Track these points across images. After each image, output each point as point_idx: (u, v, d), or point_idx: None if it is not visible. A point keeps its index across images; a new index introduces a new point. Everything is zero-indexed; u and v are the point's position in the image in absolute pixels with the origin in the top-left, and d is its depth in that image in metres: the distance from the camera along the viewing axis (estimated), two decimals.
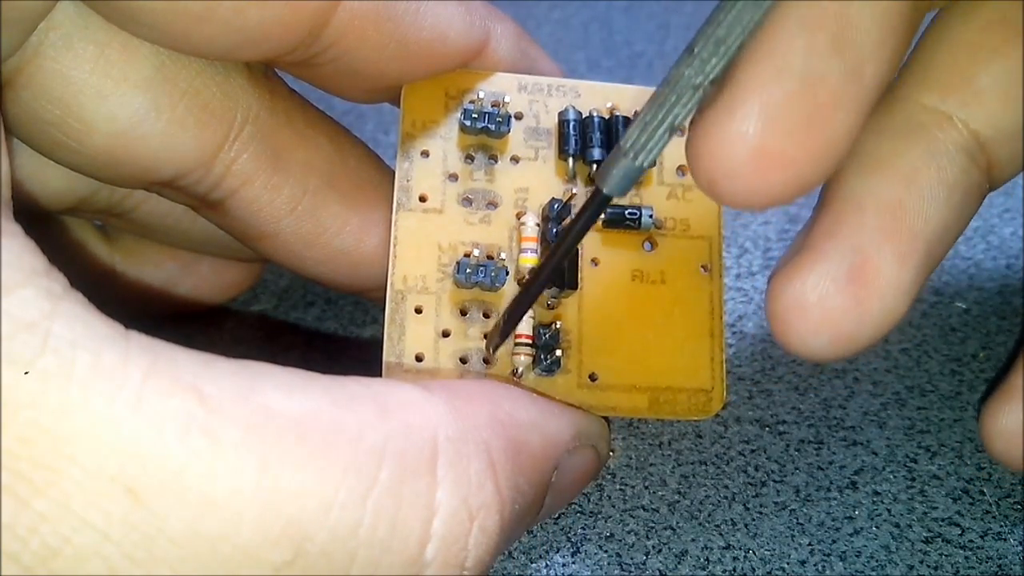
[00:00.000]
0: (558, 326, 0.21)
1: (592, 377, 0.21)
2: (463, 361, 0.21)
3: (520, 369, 0.21)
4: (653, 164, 0.17)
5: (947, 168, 0.20)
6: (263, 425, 0.15)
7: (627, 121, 0.22)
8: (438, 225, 0.21)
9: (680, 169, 0.22)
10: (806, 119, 0.16)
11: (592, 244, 0.22)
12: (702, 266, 0.22)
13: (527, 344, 0.21)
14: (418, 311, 0.21)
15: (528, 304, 0.20)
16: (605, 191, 0.18)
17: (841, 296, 0.19)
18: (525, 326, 0.21)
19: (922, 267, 0.20)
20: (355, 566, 0.15)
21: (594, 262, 0.22)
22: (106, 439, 0.14)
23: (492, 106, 0.21)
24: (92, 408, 0.14)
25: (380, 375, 0.21)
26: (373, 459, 0.15)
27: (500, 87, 0.22)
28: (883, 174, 0.20)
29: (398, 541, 0.15)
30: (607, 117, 0.22)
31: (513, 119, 0.22)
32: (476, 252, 0.21)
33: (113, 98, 0.19)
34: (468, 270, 0.21)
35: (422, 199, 0.21)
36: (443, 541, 0.16)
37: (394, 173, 0.23)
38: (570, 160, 0.22)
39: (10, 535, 0.13)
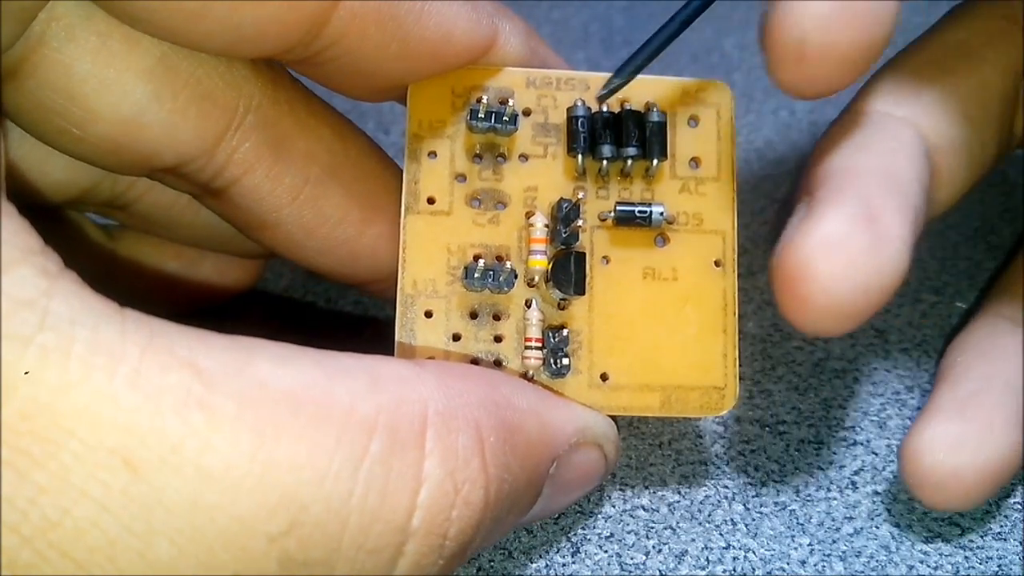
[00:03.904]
0: (565, 333, 0.21)
1: (603, 377, 0.21)
2: (475, 364, 0.21)
3: (531, 372, 0.21)
4: None
5: (915, 152, 0.22)
6: (258, 398, 0.15)
7: (638, 116, 0.21)
8: (447, 227, 0.21)
9: (693, 161, 0.22)
10: None
11: (603, 242, 0.22)
12: (715, 261, 0.22)
13: (537, 347, 0.21)
14: (428, 315, 0.21)
15: (665, 43, 0.20)
16: None
17: (862, 234, 0.19)
18: (535, 329, 0.21)
19: (913, 231, 0.20)
20: (347, 534, 0.15)
21: (605, 260, 0.21)
22: (104, 413, 0.14)
23: (499, 103, 0.21)
24: (91, 383, 0.14)
25: None
26: (364, 430, 0.16)
27: (508, 83, 0.22)
28: (868, 151, 0.21)
29: (387, 510, 0.16)
30: (617, 111, 0.22)
31: (521, 116, 0.21)
32: (483, 257, 0.21)
33: (116, 87, 0.19)
34: (476, 274, 0.21)
35: (430, 201, 0.21)
36: (428, 511, 0.16)
37: (396, 165, 0.23)
38: (579, 157, 0.21)
39: (10, 507, 0.13)
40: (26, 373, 0.14)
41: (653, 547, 0.23)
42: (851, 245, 0.19)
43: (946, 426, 0.22)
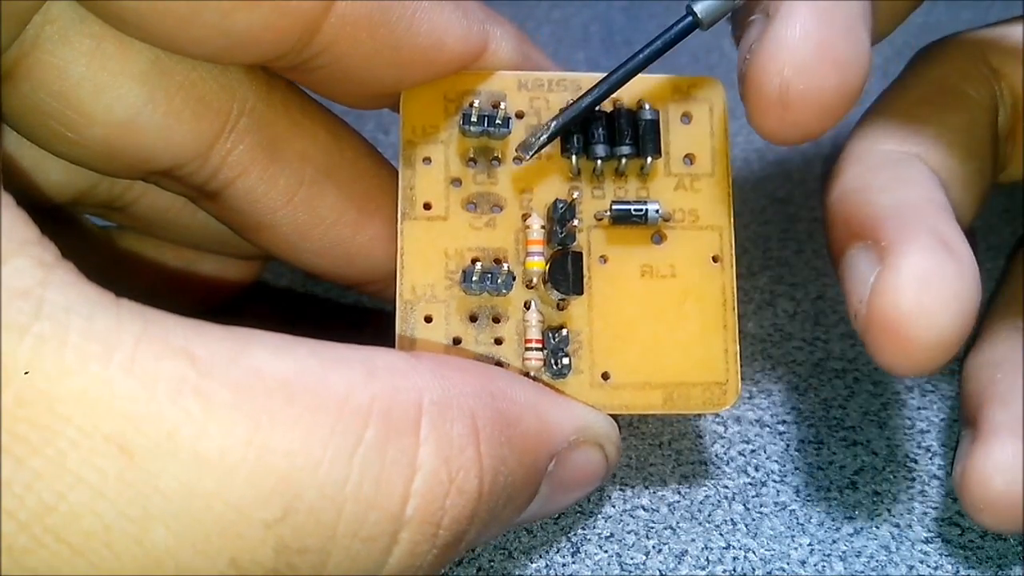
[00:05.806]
0: (565, 333, 0.21)
1: (605, 376, 0.21)
2: None
3: (532, 373, 0.21)
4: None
5: (940, 184, 0.22)
6: (253, 386, 0.15)
7: (630, 114, 0.22)
8: (444, 232, 0.21)
9: (687, 158, 0.22)
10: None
11: (600, 241, 0.22)
12: (712, 257, 0.22)
13: (538, 349, 0.21)
14: (428, 320, 0.21)
15: (574, 116, 0.21)
16: (699, 15, 0.20)
17: (948, 263, 0.19)
18: (535, 330, 0.21)
19: None
20: (341, 522, 0.15)
21: (602, 259, 0.21)
22: (100, 400, 0.14)
23: (492, 107, 0.21)
24: (87, 371, 0.14)
25: None
26: (359, 418, 0.16)
27: (500, 87, 0.22)
28: (909, 185, 0.21)
29: (382, 498, 0.16)
30: (609, 111, 0.22)
31: (514, 119, 0.21)
32: (481, 260, 0.21)
33: (110, 91, 0.20)
34: (475, 278, 0.21)
35: (427, 207, 0.21)
36: (422, 499, 0.16)
37: (391, 165, 0.23)
38: (573, 158, 0.21)
39: (7, 492, 0.14)
40: (26, 372, 0.14)
41: (653, 547, 0.23)
42: (942, 276, 0.19)
43: (1013, 447, 0.21)
